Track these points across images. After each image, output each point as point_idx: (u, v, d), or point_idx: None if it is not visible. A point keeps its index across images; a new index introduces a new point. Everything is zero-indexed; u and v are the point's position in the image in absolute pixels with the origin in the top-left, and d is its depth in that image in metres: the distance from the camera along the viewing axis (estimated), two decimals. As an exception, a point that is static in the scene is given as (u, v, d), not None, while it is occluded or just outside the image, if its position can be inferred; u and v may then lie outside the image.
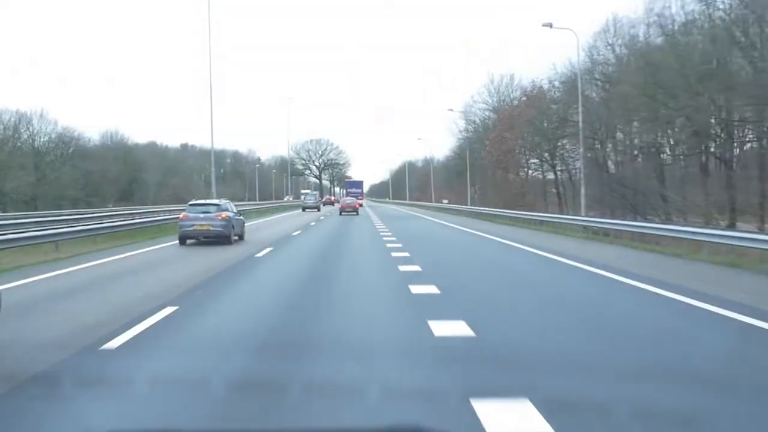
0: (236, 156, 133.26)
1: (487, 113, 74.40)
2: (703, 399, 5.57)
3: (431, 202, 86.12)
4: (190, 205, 25.40)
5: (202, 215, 24.01)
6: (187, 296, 11.53)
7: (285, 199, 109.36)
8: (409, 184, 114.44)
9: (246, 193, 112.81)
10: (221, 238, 23.83)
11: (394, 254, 19.08)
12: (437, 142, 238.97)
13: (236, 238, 25.05)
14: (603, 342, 7.81)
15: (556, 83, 54.53)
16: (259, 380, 6.24)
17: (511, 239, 25.39)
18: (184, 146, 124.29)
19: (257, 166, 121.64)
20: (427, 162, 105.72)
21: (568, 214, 40.99)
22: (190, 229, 23.86)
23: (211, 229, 23.79)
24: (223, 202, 25.77)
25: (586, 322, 9.05)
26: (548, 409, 4.99)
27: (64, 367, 6.76)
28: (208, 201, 26.48)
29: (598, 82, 48.49)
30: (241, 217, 27.08)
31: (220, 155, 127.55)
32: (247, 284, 13.70)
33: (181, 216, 25.08)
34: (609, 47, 47.73)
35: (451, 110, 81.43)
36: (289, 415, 5.13)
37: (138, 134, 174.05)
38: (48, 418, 5.29)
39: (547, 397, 5.29)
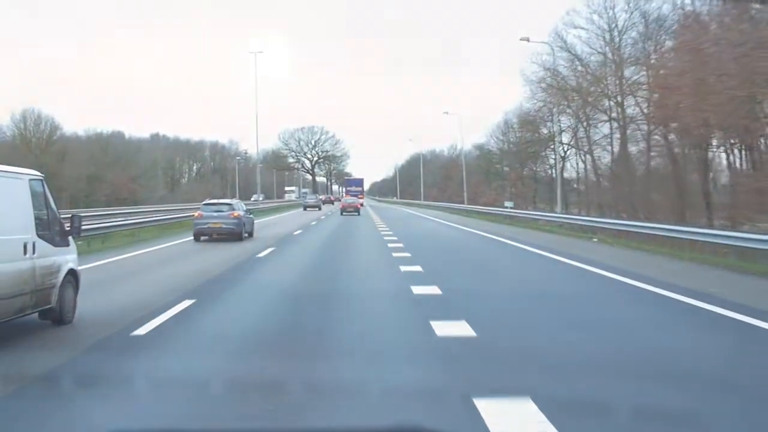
0: (215, 148, 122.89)
1: (595, 44, 46.28)
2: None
3: (462, 203, 66.02)
4: (204, 204, 28.81)
5: (215, 214, 27.28)
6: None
7: (252, 199, 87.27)
8: (424, 180, 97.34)
9: (227, 191, 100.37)
10: (233, 235, 26.94)
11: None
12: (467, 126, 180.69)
13: (246, 235, 28.26)
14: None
15: None
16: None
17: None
18: (155, 136, 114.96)
19: (238, 159, 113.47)
20: (453, 151, 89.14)
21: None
22: (205, 226, 27.03)
23: (224, 226, 26.96)
24: (234, 201, 29.66)
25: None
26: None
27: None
28: (221, 201, 29.98)
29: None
30: (251, 216, 30.39)
31: (196, 147, 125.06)
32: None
33: (196, 214, 28.29)
34: None
35: (527, 40, 41.75)
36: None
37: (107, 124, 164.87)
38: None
39: None
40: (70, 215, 11.46)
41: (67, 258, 10.88)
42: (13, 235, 9.51)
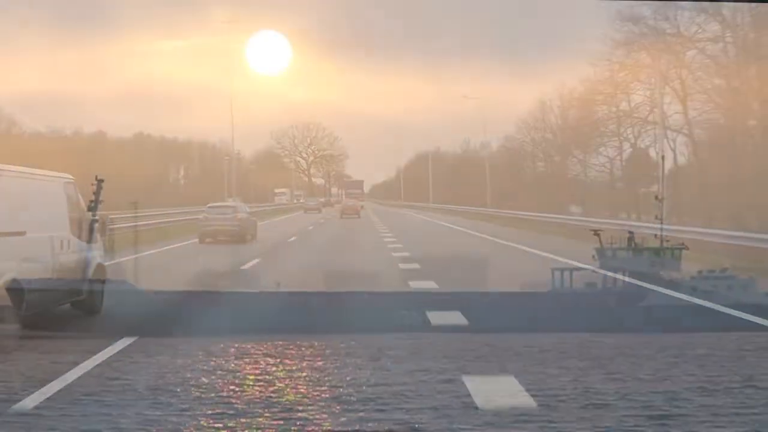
0: (205, 148, 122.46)
1: None
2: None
3: (483, 207, 54.81)
4: (209, 207, 29.73)
5: (219, 216, 28.24)
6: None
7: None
8: (434, 180, 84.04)
9: (217, 194, 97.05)
10: (236, 236, 27.81)
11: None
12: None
13: (249, 237, 29.07)
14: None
15: None
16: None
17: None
18: (138, 135, 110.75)
19: (226, 158, 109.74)
20: (465, 145, 75.96)
21: None
22: (210, 228, 27.91)
23: (228, 229, 27.76)
24: (238, 204, 30.65)
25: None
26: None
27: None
28: (225, 204, 31.31)
29: None
30: (254, 218, 31.49)
31: (184, 147, 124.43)
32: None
33: (201, 217, 29.20)
34: None
35: None
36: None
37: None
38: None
39: None
40: (98, 215, 12.27)
41: (95, 254, 11.75)
42: (51, 232, 10.38)
